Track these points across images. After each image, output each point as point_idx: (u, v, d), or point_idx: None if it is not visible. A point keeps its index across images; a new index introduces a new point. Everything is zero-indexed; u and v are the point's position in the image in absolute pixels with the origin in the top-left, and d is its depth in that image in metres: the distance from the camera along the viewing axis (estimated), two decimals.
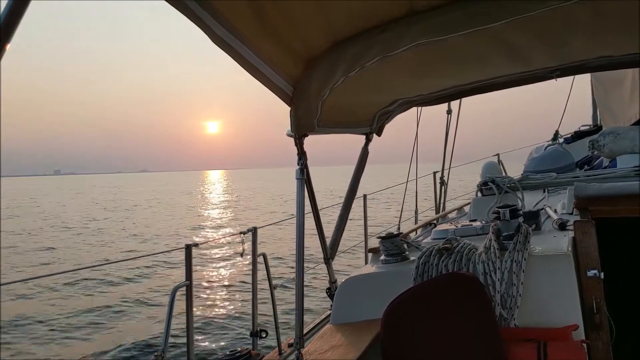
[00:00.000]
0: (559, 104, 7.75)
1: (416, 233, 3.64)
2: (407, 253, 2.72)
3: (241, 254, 3.27)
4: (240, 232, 3.17)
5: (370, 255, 2.98)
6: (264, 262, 3.01)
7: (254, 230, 3.10)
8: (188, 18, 1.34)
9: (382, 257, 2.71)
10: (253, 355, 2.20)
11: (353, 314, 2.49)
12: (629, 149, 3.56)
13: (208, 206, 44.52)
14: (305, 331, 2.58)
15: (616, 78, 5.50)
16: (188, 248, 2.78)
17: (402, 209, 6.22)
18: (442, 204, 6.39)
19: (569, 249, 2.19)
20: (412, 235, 3.51)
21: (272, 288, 3.04)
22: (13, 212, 40.17)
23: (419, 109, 5.36)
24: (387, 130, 3.03)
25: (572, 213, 2.88)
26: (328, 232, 2.85)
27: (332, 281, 2.91)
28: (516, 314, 2.10)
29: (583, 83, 7.55)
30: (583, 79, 7.43)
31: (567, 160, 4.36)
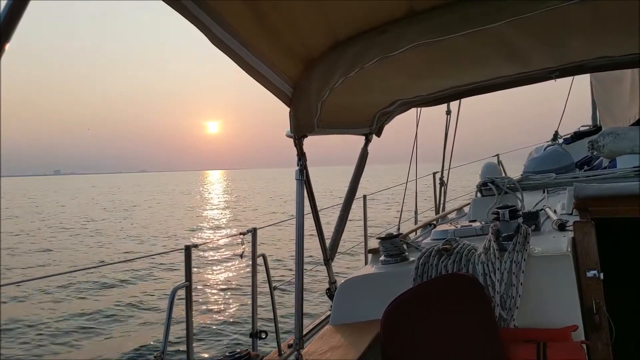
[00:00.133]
0: (559, 105, 7.75)
1: (416, 233, 3.64)
2: (407, 254, 2.72)
3: (241, 255, 3.26)
4: (240, 233, 3.17)
5: (370, 255, 2.97)
6: (264, 263, 3.01)
7: (254, 231, 3.10)
8: (187, 19, 1.34)
9: (382, 258, 2.71)
10: (252, 356, 2.19)
11: (353, 315, 2.49)
12: (629, 149, 3.56)
13: (207, 206, 44.47)
14: (305, 332, 2.57)
15: (616, 78, 5.49)
16: (187, 249, 2.79)
17: (402, 210, 6.22)
18: (442, 205, 6.39)
19: (569, 250, 2.19)
20: (412, 235, 3.51)
21: (272, 289, 3.04)
22: (13, 213, 40.14)
23: (419, 110, 5.35)
24: (387, 130, 3.04)
25: (572, 213, 2.88)
26: (328, 233, 2.85)
27: (332, 282, 2.91)
28: (516, 315, 2.10)
29: (583, 83, 7.56)
30: (583, 79, 7.44)
31: (567, 160, 4.35)
